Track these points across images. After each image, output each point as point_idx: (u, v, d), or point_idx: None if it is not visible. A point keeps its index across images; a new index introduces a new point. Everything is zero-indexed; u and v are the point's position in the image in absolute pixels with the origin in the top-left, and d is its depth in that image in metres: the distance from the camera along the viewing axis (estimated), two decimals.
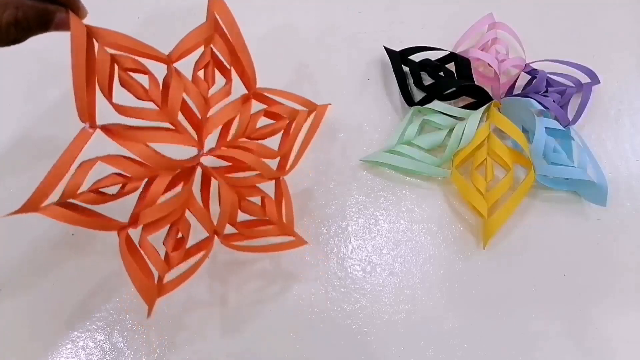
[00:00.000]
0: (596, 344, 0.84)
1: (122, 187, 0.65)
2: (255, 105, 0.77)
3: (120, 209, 0.67)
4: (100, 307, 0.82)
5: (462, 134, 0.91)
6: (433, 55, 1.00)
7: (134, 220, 0.68)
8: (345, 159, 0.95)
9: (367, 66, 1.04)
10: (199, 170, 0.74)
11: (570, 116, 0.98)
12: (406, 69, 1.01)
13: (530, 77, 1.01)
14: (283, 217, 0.79)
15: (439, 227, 0.91)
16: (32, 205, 0.59)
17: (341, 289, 0.85)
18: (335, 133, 0.97)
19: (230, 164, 0.77)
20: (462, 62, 0.99)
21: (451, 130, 0.93)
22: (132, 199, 0.68)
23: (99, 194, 0.63)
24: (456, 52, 1.02)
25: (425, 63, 0.99)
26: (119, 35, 0.61)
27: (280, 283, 0.85)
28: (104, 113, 0.61)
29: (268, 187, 0.79)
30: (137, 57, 0.63)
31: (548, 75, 0.99)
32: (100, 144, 0.61)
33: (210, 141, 0.74)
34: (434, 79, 1.00)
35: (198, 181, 0.76)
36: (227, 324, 0.82)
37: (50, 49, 0.74)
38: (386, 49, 1.01)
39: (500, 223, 0.88)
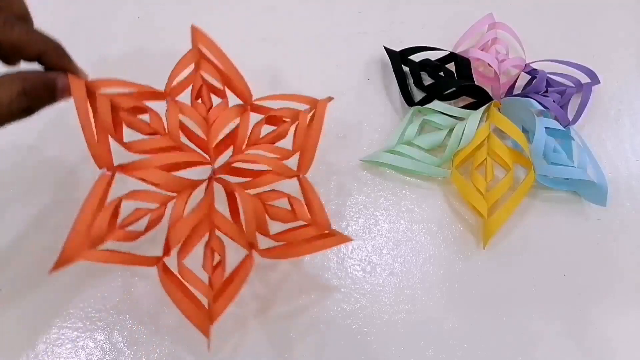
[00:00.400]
0: (596, 344, 0.84)
1: (150, 219, 0.67)
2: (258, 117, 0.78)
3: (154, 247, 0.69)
4: (100, 307, 0.82)
5: (462, 134, 0.91)
6: (433, 55, 1.00)
7: (166, 249, 0.69)
8: (345, 159, 0.95)
9: (367, 66, 1.04)
10: (218, 187, 0.75)
11: (570, 116, 0.98)
12: (406, 69, 1.01)
13: (530, 77, 1.01)
14: (316, 217, 0.77)
15: (439, 227, 0.91)
16: (68, 257, 0.62)
17: (341, 289, 0.85)
18: (335, 133, 0.97)
19: (245, 179, 0.77)
20: (462, 62, 0.99)
21: (451, 130, 0.93)
22: (162, 233, 0.69)
23: (128, 232, 0.65)
24: (456, 52, 1.02)
25: (425, 63, 0.99)
26: (115, 81, 0.64)
27: (279, 283, 0.86)
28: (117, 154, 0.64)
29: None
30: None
31: (548, 75, 0.99)
32: (118, 187, 0.64)
33: (221, 161, 0.75)
34: (434, 79, 1.00)
35: (224, 199, 0.76)
36: (226, 324, 0.82)
37: None
38: (386, 49, 1.01)
39: (500, 223, 0.88)
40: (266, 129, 0.78)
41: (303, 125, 0.79)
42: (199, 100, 0.74)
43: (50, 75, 0.60)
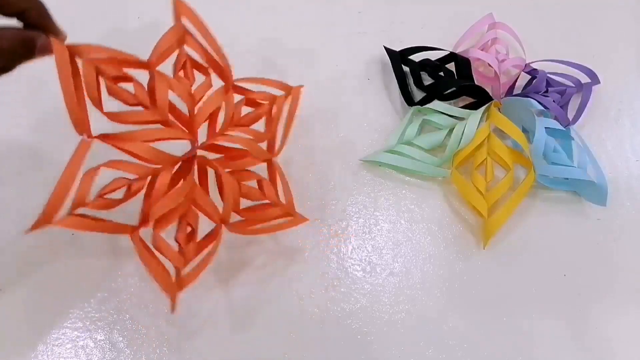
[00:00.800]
0: (596, 344, 0.84)
1: (128, 190, 0.66)
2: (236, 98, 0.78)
3: (125, 216, 0.68)
4: (100, 307, 0.82)
5: (462, 134, 0.91)
6: (433, 55, 1.00)
7: (144, 219, 0.69)
8: (345, 159, 0.95)
9: (367, 66, 1.04)
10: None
11: (570, 116, 0.98)
12: (406, 68, 1.01)
13: (530, 77, 1.01)
14: (281, 198, 0.80)
15: (439, 227, 0.91)
16: (45, 219, 0.60)
17: (341, 289, 0.85)
18: (335, 133, 0.97)
19: (222, 155, 0.78)
20: (462, 62, 0.99)
21: (451, 130, 0.93)
22: (135, 205, 0.69)
23: (106, 200, 0.65)
24: (456, 52, 1.02)
25: (425, 63, 0.99)
26: (99, 48, 0.62)
27: (280, 283, 0.86)
28: (98, 123, 0.63)
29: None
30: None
31: (548, 75, 0.99)
32: (98, 154, 0.63)
33: (201, 137, 0.75)
34: (434, 79, 1.00)
35: (195, 175, 0.76)
36: (226, 324, 0.82)
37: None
38: (386, 48, 1.01)
39: (501, 223, 0.88)
40: (244, 109, 0.79)
41: (280, 109, 0.81)
42: (181, 73, 0.73)
43: (30, 34, 0.59)
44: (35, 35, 0.59)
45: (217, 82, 0.76)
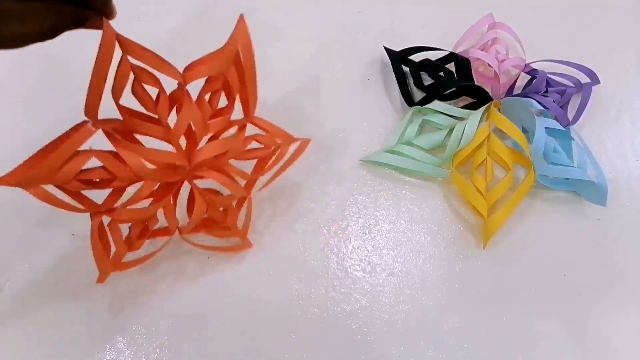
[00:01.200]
0: (596, 344, 0.84)
1: (108, 182, 0.67)
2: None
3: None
4: (100, 308, 0.82)
5: (462, 134, 0.92)
6: (433, 55, 1.01)
7: (109, 211, 0.70)
8: (345, 159, 0.95)
9: (367, 66, 1.04)
10: None
11: (570, 116, 0.98)
12: (406, 69, 1.01)
13: (530, 77, 1.01)
14: (240, 224, 0.83)
15: (439, 227, 0.90)
16: (28, 183, 0.61)
17: (341, 289, 0.85)
18: (335, 133, 0.97)
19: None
20: (462, 62, 0.99)
21: (451, 130, 0.93)
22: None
23: (84, 182, 0.65)
24: (456, 52, 1.02)
25: (425, 63, 1.00)
26: (144, 49, 0.63)
27: (280, 283, 0.86)
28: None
29: None
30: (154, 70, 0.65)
31: (548, 75, 0.99)
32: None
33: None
34: (434, 79, 1.00)
35: None
36: (226, 324, 0.82)
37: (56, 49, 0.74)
38: (386, 49, 1.01)
39: (500, 223, 0.88)
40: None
41: (280, 157, 0.84)
42: (207, 97, 0.73)
43: (86, 14, 0.59)
44: (91, 14, 0.60)
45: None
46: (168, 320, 0.82)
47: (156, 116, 0.68)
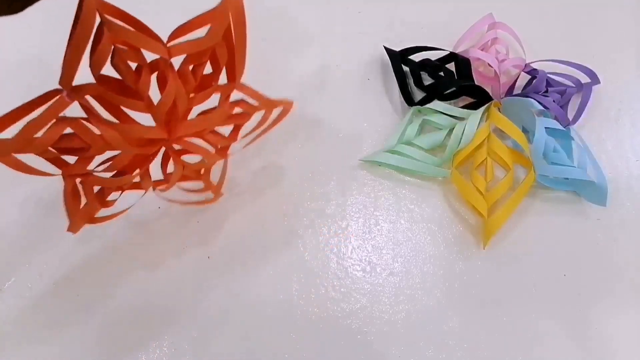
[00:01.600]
0: (596, 344, 0.84)
1: (83, 150, 0.66)
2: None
3: None
4: (99, 307, 0.82)
5: (462, 134, 0.92)
6: (433, 55, 1.01)
7: (84, 175, 0.69)
8: (345, 159, 0.95)
9: (367, 66, 1.04)
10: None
11: (570, 116, 0.98)
12: (406, 68, 1.01)
13: (530, 77, 1.01)
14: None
15: (439, 227, 0.90)
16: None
17: (341, 289, 0.85)
18: (335, 133, 0.97)
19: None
20: (462, 62, 0.99)
21: (451, 130, 0.93)
22: None
23: (51, 152, 0.65)
24: (456, 52, 1.02)
25: (425, 63, 1.00)
26: (128, 15, 0.61)
27: (279, 283, 0.86)
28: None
29: None
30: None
31: (548, 75, 0.99)
32: None
33: None
34: (434, 79, 1.00)
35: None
36: (226, 325, 0.82)
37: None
38: (386, 48, 1.01)
39: (501, 223, 0.88)
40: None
41: (263, 121, 0.82)
42: (191, 67, 0.71)
43: None
44: None
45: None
46: (167, 321, 0.82)
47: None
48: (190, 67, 0.71)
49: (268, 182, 0.86)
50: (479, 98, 0.98)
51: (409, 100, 0.99)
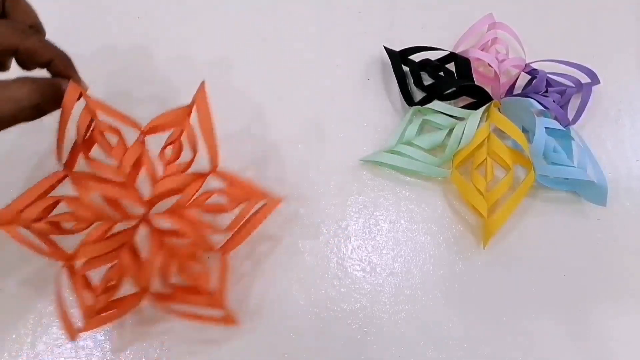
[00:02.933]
0: (596, 345, 0.84)
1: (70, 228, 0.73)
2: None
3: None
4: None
5: (462, 134, 0.91)
6: (433, 55, 1.00)
7: (72, 258, 0.74)
8: (345, 159, 0.95)
9: (367, 66, 1.04)
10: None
11: (570, 116, 0.98)
12: (406, 69, 1.01)
13: (530, 77, 1.01)
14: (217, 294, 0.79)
15: (439, 227, 0.91)
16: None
17: (341, 289, 0.85)
18: (335, 133, 0.97)
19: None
20: (462, 62, 0.99)
21: (451, 130, 0.93)
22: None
23: (53, 225, 0.71)
24: (456, 52, 1.02)
25: (425, 63, 0.99)
26: (107, 108, 0.73)
27: (279, 283, 0.86)
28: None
29: None
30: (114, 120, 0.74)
31: (548, 75, 0.99)
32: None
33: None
34: (434, 79, 1.00)
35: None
36: (225, 330, 0.82)
37: None
38: (386, 48, 1.01)
39: (501, 223, 0.88)
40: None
41: (245, 214, 0.80)
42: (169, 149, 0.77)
43: (57, 81, 0.66)
44: (62, 81, 0.67)
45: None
46: (168, 324, 0.82)
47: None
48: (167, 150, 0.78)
49: (267, 183, 0.86)
50: (479, 98, 0.98)
51: (409, 100, 0.99)
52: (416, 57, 1.01)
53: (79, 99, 0.68)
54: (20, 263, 0.84)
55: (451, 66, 1.00)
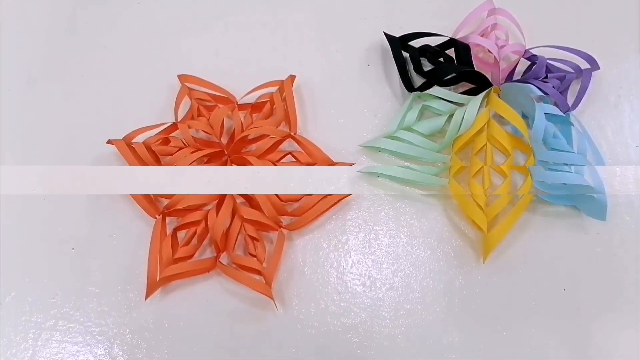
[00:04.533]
0: (596, 359, 0.85)
1: (195, 235, 0.88)
2: None
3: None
4: (100, 322, 0.84)
5: (462, 120, 0.92)
6: (433, 41, 1.00)
7: (216, 249, 0.87)
8: (344, 145, 0.96)
9: (367, 52, 1.03)
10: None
11: (569, 102, 0.98)
12: (406, 54, 1.00)
13: (529, 62, 1.00)
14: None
15: (438, 241, 0.91)
16: (153, 282, 0.85)
17: (341, 303, 0.86)
18: (334, 119, 0.98)
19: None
20: (462, 48, 0.98)
21: (451, 116, 0.93)
22: None
23: (189, 247, 0.87)
24: (456, 38, 1.01)
25: (425, 49, 0.99)
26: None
27: (280, 297, 0.86)
28: None
29: None
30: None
31: (548, 61, 0.98)
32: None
33: None
34: (433, 65, 0.99)
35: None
36: (226, 338, 0.84)
37: None
38: (386, 34, 1.00)
39: (500, 237, 0.88)
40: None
41: (279, 101, 0.94)
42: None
43: None
44: None
45: None
46: (168, 335, 0.83)
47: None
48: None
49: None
50: (479, 84, 0.97)
51: (408, 86, 0.98)
52: (416, 43, 1.00)
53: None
54: (18, 274, 0.86)
55: (451, 52, 1.00)
